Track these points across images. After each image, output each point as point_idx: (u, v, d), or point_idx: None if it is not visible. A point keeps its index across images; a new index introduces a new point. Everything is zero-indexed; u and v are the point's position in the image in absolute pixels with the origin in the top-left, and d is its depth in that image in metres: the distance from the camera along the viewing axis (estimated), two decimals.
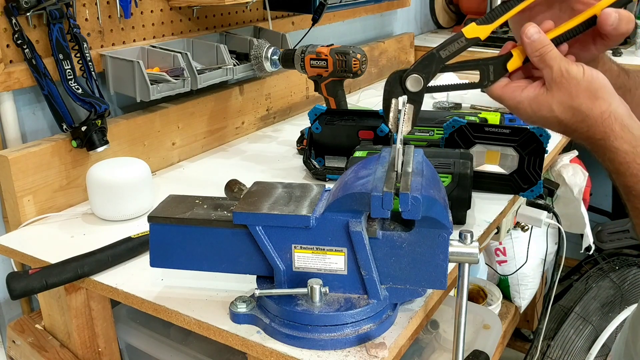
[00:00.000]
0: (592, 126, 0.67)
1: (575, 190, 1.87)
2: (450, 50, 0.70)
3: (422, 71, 0.71)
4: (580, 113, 0.67)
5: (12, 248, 1.05)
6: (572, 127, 0.68)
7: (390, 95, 0.73)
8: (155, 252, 0.83)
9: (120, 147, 1.27)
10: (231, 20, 1.61)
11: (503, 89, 0.71)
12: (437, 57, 0.70)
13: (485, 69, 0.71)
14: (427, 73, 0.71)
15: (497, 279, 2.16)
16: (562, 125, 0.69)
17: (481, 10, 2.57)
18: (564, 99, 0.67)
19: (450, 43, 0.70)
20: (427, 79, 0.71)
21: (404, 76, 0.71)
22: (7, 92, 1.14)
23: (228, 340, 0.80)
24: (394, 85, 0.72)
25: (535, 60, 0.69)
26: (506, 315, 2.06)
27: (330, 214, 0.75)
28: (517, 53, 0.70)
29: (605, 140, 0.67)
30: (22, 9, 1.09)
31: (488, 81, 0.71)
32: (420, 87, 0.71)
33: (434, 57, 0.70)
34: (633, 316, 0.86)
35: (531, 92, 0.69)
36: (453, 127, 1.18)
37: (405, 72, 0.71)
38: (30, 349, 1.09)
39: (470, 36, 0.69)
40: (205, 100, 1.48)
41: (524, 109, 0.70)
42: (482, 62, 0.71)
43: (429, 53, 0.70)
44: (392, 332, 0.79)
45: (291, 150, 1.50)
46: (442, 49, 0.70)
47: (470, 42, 0.69)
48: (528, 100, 0.69)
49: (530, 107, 0.69)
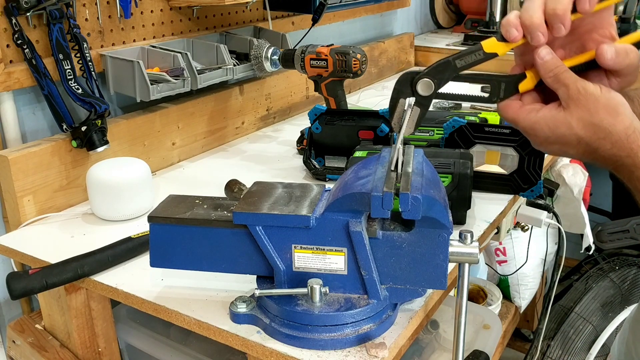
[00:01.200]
0: (616, 143, 0.64)
1: (575, 190, 1.87)
2: (466, 61, 0.69)
3: (434, 76, 0.70)
4: (602, 130, 0.64)
5: (12, 248, 1.05)
6: (594, 145, 0.65)
7: (398, 95, 0.72)
8: (155, 252, 0.83)
9: (120, 147, 1.27)
10: (231, 20, 1.61)
11: (517, 110, 0.69)
12: (452, 65, 0.69)
13: (497, 86, 0.70)
14: (439, 79, 0.70)
15: (497, 279, 2.16)
16: (582, 144, 0.66)
17: (481, 10, 2.57)
18: (584, 116, 0.64)
19: (468, 54, 0.69)
20: (438, 85, 0.70)
21: (416, 78, 0.71)
22: (7, 92, 1.14)
23: (228, 340, 0.80)
24: (405, 85, 0.71)
25: (550, 81, 0.66)
26: (506, 315, 2.06)
27: (330, 214, 0.75)
28: (531, 75, 0.69)
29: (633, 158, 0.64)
30: (22, 9, 1.09)
31: (497, 98, 0.70)
32: (430, 92, 0.71)
33: (449, 64, 0.70)
34: (633, 317, 0.86)
35: (547, 112, 0.67)
36: (453, 127, 1.18)
37: (418, 75, 0.71)
38: (30, 349, 1.09)
39: (488, 50, 0.68)
40: (205, 100, 1.48)
41: (540, 129, 0.67)
42: (495, 78, 0.70)
43: (444, 60, 0.70)
44: (392, 332, 0.79)
45: (291, 150, 1.50)
46: (458, 58, 0.69)
47: (487, 56, 0.69)
48: (545, 120, 0.67)
49: (548, 127, 0.66)
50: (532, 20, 0.64)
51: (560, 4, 0.63)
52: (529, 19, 0.64)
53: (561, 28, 0.64)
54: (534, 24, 0.64)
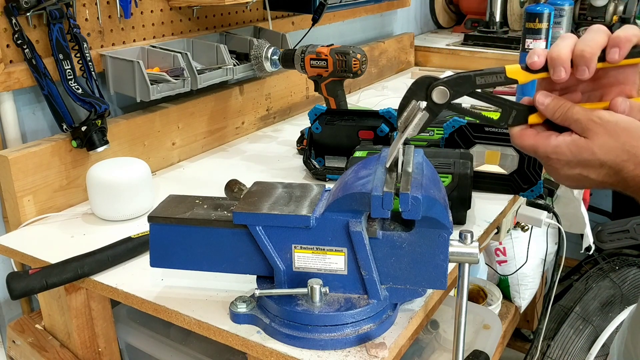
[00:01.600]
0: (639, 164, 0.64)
1: (575, 190, 1.87)
2: (486, 80, 0.69)
3: (452, 87, 0.70)
4: (625, 152, 0.64)
5: (12, 248, 1.05)
6: (617, 167, 0.65)
7: (412, 95, 0.72)
8: (155, 252, 0.83)
9: (120, 147, 1.27)
10: (231, 20, 1.61)
11: (535, 137, 0.69)
12: (472, 81, 0.69)
13: (508, 112, 0.70)
14: (455, 91, 0.70)
15: (497, 279, 2.16)
16: (604, 168, 0.66)
17: (481, 10, 2.57)
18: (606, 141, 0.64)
19: (490, 74, 0.69)
20: (453, 97, 0.70)
21: (433, 84, 0.70)
22: (7, 92, 1.14)
23: (228, 340, 0.80)
24: (421, 88, 0.71)
25: (560, 121, 0.67)
26: (506, 315, 2.06)
27: (331, 214, 0.75)
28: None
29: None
30: (22, 9, 1.09)
31: (505, 123, 0.71)
32: (444, 101, 0.71)
33: (469, 79, 0.69)
34: (632, 317, 0.86)
35: (568, 138, 0.66)
36: (453, 127, 1.18)
37: (436, 82, 0.70)
38: (30, 349, 1.09)
39: (510, 76, 0.68)
40: (205, 100, 1.48)
41: (562, 153, 0.66)
42: (508, 103, 0.70)
43: (466, 74, 0.70)
44: (392, 332, 0.79)
45: (291, 150, 1.50)
46: (479, 76, 0.69)
47: (508, 81, 0.69)
48: (566, 144, 0.66)
49: (570, 151, 0.66)
50: (560, 54, 0.65)
51: (589, 47, 0.64)
52: (557, 53, 0.65)
53: (585, 71, 0.65)
54: (560, 58, 0.65)
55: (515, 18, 2.43)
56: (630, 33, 0.65)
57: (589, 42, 0.65)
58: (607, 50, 0.65)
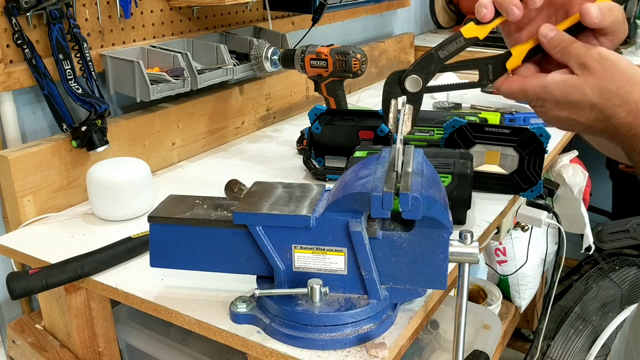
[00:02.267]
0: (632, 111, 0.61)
1: (575, 190, 1.87)
2: (448, 50, 0.70)
3: (420, 71, 0.71)
4: (618, 97, 0.62)
5: (12, 248, 1.05)
6: (608, 112, 0.62)
7: (389, 96, 0.72)
8: (155, 252, 0.83)
9: (120, 147, 1.27)
10: (231, 20, 1.61)
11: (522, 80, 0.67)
12: (436, 57, 0.70)
13: (485, 68, 0.70)
14: (426, 73, 0.71)
15: (497, 279, 2.16)
16: (594, 110, 0.63)
17: None
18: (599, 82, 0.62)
19: (449, 43, 0.70)
20: (426, 79, 0.71)
21: (403, 76, 0.71)
22: (7, 92, 1.14)
23: (228, 340, 0.80)
24: (393, 85, 0.72)
25: (559, 56, 0.65)
26: (506, 315, 2.06)
27: (331, 214, 0.75)
28: (517, 52, 0.70)
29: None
30: (22, 9, 1.09)
31: (487, 80, 0.71)
32: (420, 87, 0.71)
33: (432, 57, 0.70)
34: (633, 317, 0.86)
35: (558, 76, 0.65)
36: (453, 127, 1.18)
37: (404, 73, 0.71)
38: (30, 349, 1.09)
39: (468, 36, 0.69)
40: (205, 100, 1.48)
41: (551, 92, 0.64)
42: (481, 61, 0.70)
43: (427, 53, 0.70)
44: (392, 332, 0.79)
45: (291, 150, 1.50)
46: (440, 49, 0.70)
47: (468, 41, 0.69)
48: (555, 83, 0.64)
49: (559, 90, 0.64)
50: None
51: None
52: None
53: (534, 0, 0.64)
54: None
55: None
56: None
57: None
58: None
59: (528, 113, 1.65)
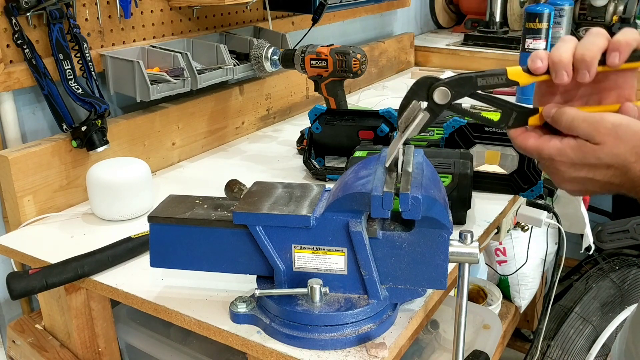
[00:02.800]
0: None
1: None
2: (487, 82, 0.69)
3: (453, 88, 0.70)
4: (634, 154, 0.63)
5: (12, 248, 1.05)
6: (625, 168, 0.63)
7: (413, 95, 0.72)
8: (155, 252, 0.83)
9: (120, 147, 1.27)
10: (231, 20, 1.61)
11: (539, 139, 0.68)
12: (474, 82, 0.69)
13: (508, 113, 0.70)
14: (456, 92, 0.70)
15: (497, 279, 2.16)
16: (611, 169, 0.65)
17: (481, 10, 2.57)
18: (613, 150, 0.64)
19: (491, 76, 0.69)
20: (454, 97, 0.70)
21: (435, 85, 0.70)
22: (7, 92, 1.14)
23: (228, 340, 0.80)
24: (422, 88, 0.71)
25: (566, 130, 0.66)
26: (506, 315, 2.06)
27: (331, 214, 0.75)
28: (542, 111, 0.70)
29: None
30: (22, 9, 1.09)
31: (505, 125, 0.71)
32: (445, 101, 0.71)
33: (470, 80, 0.69)
34: (633, 317, 0.86)
35: (572, 141, 0.66)
36: (453, 127, 1.18)
37: (437, 82, 0.71)
38: (30, 349, 1.09)
39: (511, 78, 0.69)
40: (205, 100, 1.48)
41: (567, 156, 0.66)
42: (509, 105, 0.70)
43: (467, 75, 0.70)
44: (392, 332, 0.79)
45: (291, 150, 1.50)
46: (481, 77, 0.69)
47: (509, 82, 0.69)
48: (571, 147, 0.66)
49: (574, 153, 0.65)
50: (561, 58, 0.65)
51: (590, 51, 0.64)
52: (558, 57, 0.65)
53: (586, 74, 0.65)
54: (562, 61, 0.65)
55: (515, 18, 2.43)
56: (630, 37, 0.64)
57: (589, 46, 0.65)
58: (608, 54, 0.64)
59: None
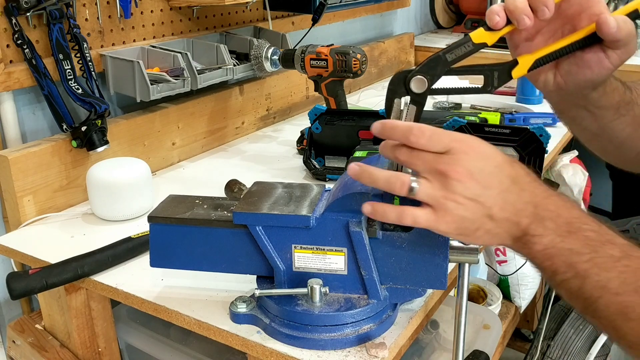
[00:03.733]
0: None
1: (575, 190, 1.87)
2: (456, 54, 0.69)
3: (427, 73, 0.70)
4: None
5: (12, 248, 1.05)
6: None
7: (393, 95, 0.72)
8: (155, 252, 0.83)
9: (120, 147, 1.27)
10: (231, 20, 1.61)
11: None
12: (443, 59, 0.69)
13: (490, 75, 0.70)
14: (432, 75, 0.70)
15: (497, 279, 2.15)
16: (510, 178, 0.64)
17: (481, 10, 2.57)
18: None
19: (457, 47, 0.69)
20: (431, 81, 0.71)
21: (409, 77, 0.71)
22: (7, 92, 1.14)
23: (228, 340, 0.80)
24: (398, 85, 0.71)
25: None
26: (506, 315, 2.06)
27: (331, 214, 0.75)
28: (523, 61, 0.70)
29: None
30: (22, 9, 1.09)
31: (492, 87, 0.71)
32: (424, 88, 0.71)
33: (439, 59, 0.70)
34: None
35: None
36: (453, 127, 1.18)
37: (410, 73, 0.71)
38: (30, 349, 1.09)
39: (477, 41, 0.69)
40: (205, 100, 1.48)
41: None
42: (487, 67, 0.70)
43: (434, 55, 0.70)
44: (392, 332, 0.79)
45: (291, 150, 1.50)
46: (448, 52, 0.69)
47: (477, 47, 0.69)
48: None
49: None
50: (516, 4, 0.65)
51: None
52: (512, 4, 0.65)
53: (545, 11, 0.65)
54: (517, 8, 0.65)
55: None
56: None
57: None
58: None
59: (528, 113, 1.65)
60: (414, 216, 0.64)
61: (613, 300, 0.58)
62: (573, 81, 0.71)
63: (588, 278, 0.59)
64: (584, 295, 0.60)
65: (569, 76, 0.71)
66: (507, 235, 0.63)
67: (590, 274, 0.59)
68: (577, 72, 0.70)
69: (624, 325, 0.58)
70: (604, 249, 0.60)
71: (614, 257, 0.59)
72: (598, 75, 0.69)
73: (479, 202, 0.61)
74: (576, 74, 0.70)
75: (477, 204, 0.62)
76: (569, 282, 0.61)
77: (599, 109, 0.75)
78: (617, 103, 0.74)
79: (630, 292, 0.57)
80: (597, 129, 0.78)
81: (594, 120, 0.77)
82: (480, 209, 0.62)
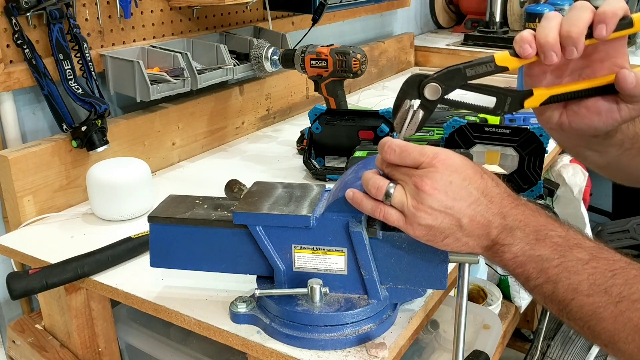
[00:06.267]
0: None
1: (575, 190, 1.87)
2: (476, 71, 0.69)
3: (443, 82, 0.70)
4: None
5: (12, 248, 1.05)
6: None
7: (404, 95, 0.72)
8: (155, 252, 0.83)
9: (120, 147, 1.27)
10: (231, 20, 1.61)
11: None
12: (462, 73, 0.69)
13: (503, 99, 0.70)
14: (447, 85, 0.70)
15: (497, 279, 2.15)
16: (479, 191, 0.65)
17: (481, 10, 2.57)
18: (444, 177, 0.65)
19: (479, 64, 0.68)
20: (445, 91, 0.70)
21: (425, 82, 0.70)
22: (7, 92, 1.14)
23: (228, 340, 0.80)
24: (412, 86, 0.71)
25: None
26: (506, 315, 2.06)
27: (331, 214, 0.75)
28: (538, 94, 0.69)
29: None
30: (22, 9, 1.09)
31: (502, 111, 0.71)
32: (437, 97, 0.70)
33: (459, 72, 0.69)
34: None
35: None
36: (453, 127, 1.18)
37: (427, 78, 0.70)
38: (30, 349, 1.09)
39: (500, 64, 0.68)
40: (205, 100, 1.48)
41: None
42: (502, 91, 0.70)
43: (455, 67, 0.69)
44: (392, 332, 0.79)
45: (291, 150, 1.50)
46: (469, 67, 0.69)
47: (498, 69, 0.68)
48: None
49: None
50: (547, 39, 0.64)
51: (576, 27, 0.63)
52: (544, 38, 0.65)
53: (574, 51, 0.64)
54: (548, 43, 0.64)
55: (515, 18, 2.43)
56: (615, 6, 0.64)
57: (575, 22, 0.64)
58: (594, 26, 0.64)
59: (528, 113, 1.65)
60: (386, 213, 0.68)
61: (585, 301, 0.60)
62: (578, 124, 0.70)
63: (559, 282, 0.61)
64: (557, 298, 0.62)
65: (576, 117, 0.70)
66: (477, 245, 0.66)
67: (561, 278, 0.61)
68: (584, 116, 0.69)
69: (597, 325, 0.60)
70: (572, 253, 0.62)
71: (583, 260, 0.61)
72: (605, 125, 0.69)
73: (448, 213, 0.65)
74: (584, 117, 0.69)
75: (447, 215, 0.65)
76: (542, 287, 0.63)
77: (603, 147, 0.75)
78: (621, 140, 0.74)
79: (600, 292, 0.59)
80: (604, 163, 0.78)
81: (599, 157, 0.77)
82: (449, 220, 0.65)
